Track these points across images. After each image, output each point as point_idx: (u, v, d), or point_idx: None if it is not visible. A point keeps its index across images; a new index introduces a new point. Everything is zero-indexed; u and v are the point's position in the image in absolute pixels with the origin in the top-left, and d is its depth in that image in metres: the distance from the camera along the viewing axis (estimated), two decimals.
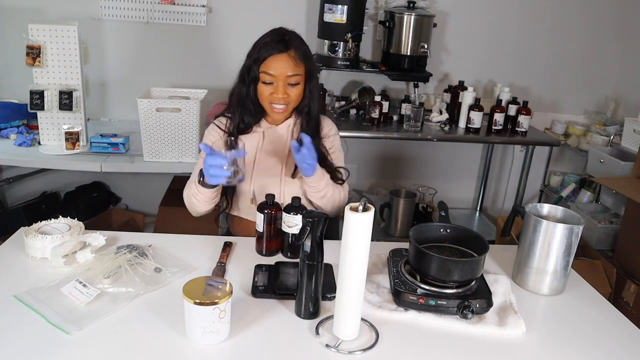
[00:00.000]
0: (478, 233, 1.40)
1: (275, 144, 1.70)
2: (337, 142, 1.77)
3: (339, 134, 1.79)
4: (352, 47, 2.76)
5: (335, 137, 1.76)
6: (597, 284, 2.15)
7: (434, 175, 3.41)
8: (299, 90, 1.62)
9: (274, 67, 1.57)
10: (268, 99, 1.61)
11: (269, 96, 1.60)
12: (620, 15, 3.22)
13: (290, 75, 1.58)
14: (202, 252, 1.49)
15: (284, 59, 1.57)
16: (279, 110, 1.62)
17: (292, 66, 1.58)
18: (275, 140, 1.70)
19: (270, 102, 1.61)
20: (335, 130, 1.78)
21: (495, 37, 3.19)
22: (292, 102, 1.63)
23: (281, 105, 1.61)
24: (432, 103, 3.14)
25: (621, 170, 2.66)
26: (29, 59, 2.32)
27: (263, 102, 1.63)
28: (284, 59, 1.57)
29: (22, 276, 1.32)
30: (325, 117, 1.77)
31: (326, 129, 1.75)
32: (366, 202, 1.08)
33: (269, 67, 1.57)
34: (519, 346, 1.19)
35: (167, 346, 1.10)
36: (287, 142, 1.69)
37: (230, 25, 2.98)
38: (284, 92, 1.59)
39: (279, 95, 1.58)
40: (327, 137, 1.74)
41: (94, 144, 2.45)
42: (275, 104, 1.61)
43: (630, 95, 3.21)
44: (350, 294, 1.11)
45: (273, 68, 1.57)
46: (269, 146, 1.70)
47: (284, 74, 1.57)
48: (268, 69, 1.57)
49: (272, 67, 1.57)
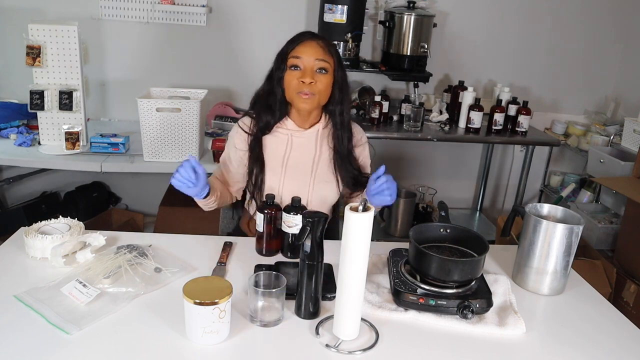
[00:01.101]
0: (478, 233, 1.40)
1: (304, 148, 1.66)
2: (366, 151, 1.74)
3: (368, 143, 1.76)
4: (352, 47, 2.76)
5: (365, 145, 1.74)
6: (597, 284, 2.16)
7: (434, 175, 3.41)
8: (327, 79, 1.57)
9: (303, 50, 1.55)
10: (295, 87, 1.55)
11: (296, 82, 1.54)
12: (620, 15, 3.22)
13: (319, 60, 1.54)
14: (202, 252, 1.49)
15: (313, 45, 1.56)
16: (306, 97, 1.54)
17: (321, 52, 1.55)
18: (304, 145, 1.66)
19: (298, 91, 1.55)
20: (366, 139, 1.74)
21: (495, 37, 3.19)
22: (319, 92, 1.56)
23: (308, 92, 1.54)
24: (432, 103, 3.15)
25: (621, 170, 2.66)
26: (29, 59, 2.32)
27: (291, 92, 1.57)
28: (313, 45, 1.56)
29: (22, 276, 1.32)
30: (355, 124, 1.73)
31: (357, 137, 1.71)
32: (366, 202, 1.08)
33: (298, 51, 1.55)
34: (519, 346, 1.19)
35: (167, 346, 1.10)
36: (316, 147, 1.66)
37: (230, 25, 2.98)
38: (312, 76, 1.54)
39: (307, 79, 1.53)
40: (357, 145, 1.71)
41: (94, 144, 2.45)
42: (302, 92, 1.54)
43: (630, 95, 3.21)
44: (350, 294, 1.11)
45: (302, 52, 1.55)
46: (298, 150, 1.66)
47: (312, 58, 1.54)
48: (297, 53, 1.55)
49: (301, 51, 1.55)
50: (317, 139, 1.67)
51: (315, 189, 1.65)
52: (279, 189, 1.63)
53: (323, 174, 1.66)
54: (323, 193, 1.66)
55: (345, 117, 1.65)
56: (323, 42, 1.58)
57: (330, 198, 1.68)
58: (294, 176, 1.64)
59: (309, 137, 1.66)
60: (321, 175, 1.66)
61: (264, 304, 1.19)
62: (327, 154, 1.67)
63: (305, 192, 1.64)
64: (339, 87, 1.61)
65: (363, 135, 1.74)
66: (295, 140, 1.66)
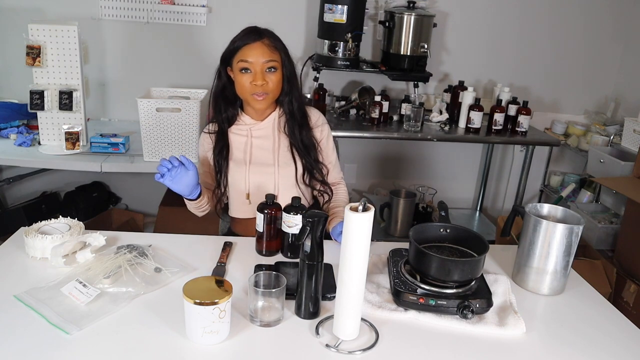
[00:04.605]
0: (478, 233, 1.40)
1: (263, 139, 1.72)
2: (326, 130, 1.78)
3: (327, 123, 1.80)
4: (352, 47, 2.76)
5: (324, 125, 1.78)
6: (597, 284, 2.16)
7: (434, 175, 3.41)
8: (277, 77, 1.62)
9: (250, 54, 1.59)
10: (248, 90, 1.61)
11: (249, 86, 1.60)
12: (620, 15, 3.22)
13: (267, 61, 1.59)
14: (202, 252, 1.49)
15: (259, 46, 1.60)
16: (260, 98, 1.62)
17: (268, 52, 1.60)
18: (263, 136, 1.72)
19: (251, 92, 1.61)
20: (324, 119, 1.79)
21: (495, 37, 3.19)
22: (272, 90, 1.63)
23: (262, 94, 1.61)
24: (432, 103, 3.15)
25: (621, 170, 2.66)
26: (29, 59, 2.32)
27: (244, 94, 1.64)
28: (258, 46, 1.60)
29: (22, 276, 1.32)
30: (311, 107, 1.79)
31: (314, 119, 1.76)
32: (366, 202, 1.08)
33: (245, 55, 1.59)
34: (519, 346, 1.19)
35: (167, 346, 1.10)
36: (274, 136, 1.72)
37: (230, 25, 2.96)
38: (262, 78, 1.59)
39: (257, 82, 1.59)
40: (316, 126, 1.76)
41: (94, 144, 2.45)
42: (256, 93, 1.61)
43: (630, 95, 3.21)
44: (350, 294, 1.11)
45: (249, 55, 1.59)
46: (258, 142, 1.71)
47: (260, 60, 1.59)
48: (244, 56, 1.59)
49: (248, 55, 1.59)
50: (274, 127, 1.73)
51: (281, 174, 1.69)
52: (245, 180, 1.68)
53: (284, 158, 1.71)
54: (289, 174, 1.70)
55: (295, 105, 1.70)
56: (268, 40, 1.62)
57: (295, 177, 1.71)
58: (258, 166, 1.69)
59: (266, 127, 1.72)
60: (283, 160, 1.71)
61: (264, 304, 1.19)
62: (285, 140, 1.73)
63: (272, 180, 1.69)
64: (287, 79, 1.67)
65: (320, 117, 1.78)
66: (254, 132, 1.72)
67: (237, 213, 1.75)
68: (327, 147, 1.78)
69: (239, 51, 1.61)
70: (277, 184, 1.68)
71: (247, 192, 1.69)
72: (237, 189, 1.71)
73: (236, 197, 1.72)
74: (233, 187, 1.71)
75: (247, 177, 1.68)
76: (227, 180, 1.71)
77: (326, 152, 1.78)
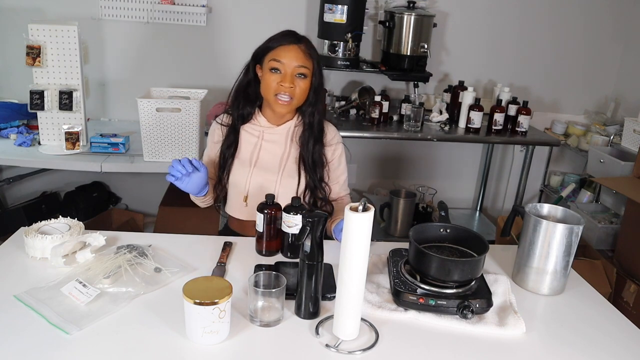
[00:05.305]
0: (478, 233, 1.40)
1: (274, 145, 1.70)
2: (338, 151, 1.75)
3: (342, 143, 1.76)
4: (352, 47, 2.76)
5: (338, 145, 1.74)
6: (597, 284, 2.16)
7: (434, 175, 3.41)
8: (305, 84, 1.60)
9: (284, 55, 1.56)
10: (274, 90, 1.58)
11: (276, 86, 1.57)
12: (620, 15, 3.22)
13: (299, 66, 1.57)
14: (202, 252, 1.49)
15: (295, 49, 1.57)
16: (284, 102, 1.59)
17: (302, 58, 1.57)
18: (274, 141, 1.70)
19: (276, 93, 1.58)
20: (339, 138, 1.75)
21: (495, 37, 3.19)
22: (297, 97, 1.60)
23: (286, 97, 1.58)
24: (432, 103, 3.14)
25: (621, 170, 2.66)
26: (29, 59, 2.32)
27: (268, 93, 1.60)
28: (294, 49, 1.57)
29: (22, 276, 1.32)
30: (329, 124, 1.75)
31: (329, 136, 1.72)
32: (366, 202, 1.08)
33: (279, 55, 1.57)
34: (519, 346, 1.19)
35: (167, 346, 1.10)
36: (286, 145, 1.69)
37: (230, 25, 2.98)
38: (291, 81, 1.57)
39: (285, 84, 1.56)
40: (330, 144, 1.72)
41: (94, 144, 2.45)
42: (281, 95, 1.58)
43: (630, 95, 3.21)
44: (350, 294, 1.11)
45: (283, 56, 1.56)
46: (267, 146, 1.69)
47: (292, 64, 1.56)
48: (278, 56, 1.57)
49: (282, 55, 1.56)
50: (287, 136, 1.70)
51: (282, 184, 1.67)
52: (246, 181, 1.66)
53: (290, 169, 1.69)
54: (289, 187, 1.67)
55: (316, 119, 1.67)
56: (305, 46, 1.59)
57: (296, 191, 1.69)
58: (262, 171, 1.68)
59: (280, 134, 1.70)
60: (288, 171, 1.69)
61: (264, 304, 1.19)
62: (295, 152, 1.70)
63: (272, 187, 1.66)
64: (314, 90, 1.64)
65: (336, 136, 1.75)
66: (266, 136, 1.69)
67: (233, 212, 1.74)
68: (337, 168, 1.74)
69: (273, 50, 1.58)
70: (277, 192, 1.65)
71: (245, 194, 1.67)
72: (237, 188, 1.69)
73: (234, 196, 1.71)
74: (233, 185, 1.70)
75: (249, 179, 1.67)
76: (228, 177, 1.70)
77: (335, 172, 1.74)
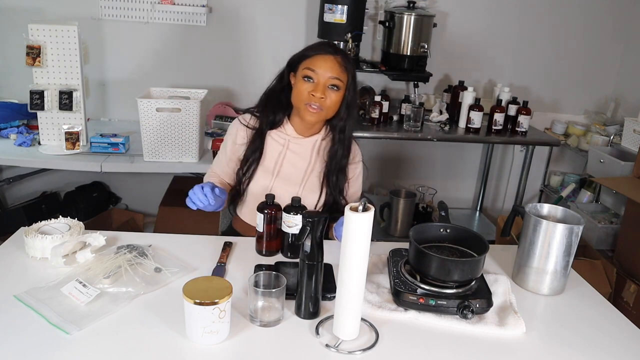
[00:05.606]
0: (478, 233, 1.40)
1: (298, 156, 1.67)
2: (358, 169, 1.74)
3: (363, 162, 1.76)
4: (352, 47, 2.76)
5: (359, 163, 1.74)
6: (597, 284, 2.16)
7: (434, 175, 3.41)
8: (337, 97, 1.56)
9: (319, 64, 1.54)
10: (305, 98, 1.55)
11: (307, 95, 1.54)
12: (620, 15, 3.22)
13: (333, 77, 1.54)
14: (202, 252, 1.49)
15: (331, 60, 1.54)
16: (314, 110, 1.55)
17: (337, 69, 1.54)
18: (299, 153, 1.67)
19: (307, 102, 1.55)
20: (361, 156, 1.75)
21: (495, 37, 3.19)
22: (327, 107, 1.56)
23: (317, 106, 1.55)
24: (432, 103, 3.14)
25: (621, 170, 2.66)
26: (29, 59, 2.33)
27: (299, 101, 1.57)
28: (330, 60, 1.54)
29: (22, 276, 1.32)
30: (355, 143, 1.73)
31: (353, 154, 1.71)
32: (366, 202, 1.08)
33: (314, 64, 1.54)
34: (519, 346, 1.19)
35: (167, 346, 1.10)
36: (311, 158, 1.67)
37: (230, 25, 2.98)
38: (323, 92, 1.53)
39: (317, 93, 1.53)
40: (353, 162, 1.71)
41: (94, 144, 2.45)
42: (312, 104, 1.55)
43: (630, 95, 3.21)
44: (350, 294, 1.11)
45: (318, 65, 1.54)
46: (291, 157, 1.67)
47: (326, 74, 1.53)
48: (313, 65, 1.54)
49: (317, 65, 1.54)
50: (313, 150, 1.68)
51: (302, 196, 1.65)
52: (267, 190, 1.63)
53: (312, 183, 1.67)
54: (309, 201, 1.65)
55: (347, 135, 1.64)
56: (341, 59, 1.56)
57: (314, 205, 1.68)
58: (284, 181, 1.65)
59: (306, 146, 1.67)
60: (310, 185, 1.67)
61: (264, 304, 1.19)
62: (319, 166, 1.68)
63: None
64: (347, 104, 1.61)
65: (358, 154, 1.74)
66: (292, 146, 1.67)
67: (244, 215, 1.72)
68: (354, 185, 1.73)
69: (308, 59, 1.55)
70: None
71: None
72: (255, 196, 1.65)
73: (250, 202, 1.67)
74: (251, 192, 1.66)
75: (270, 189, 1.63)
76: (248, 182, 1.66)
77: (351, 189, 1.73)
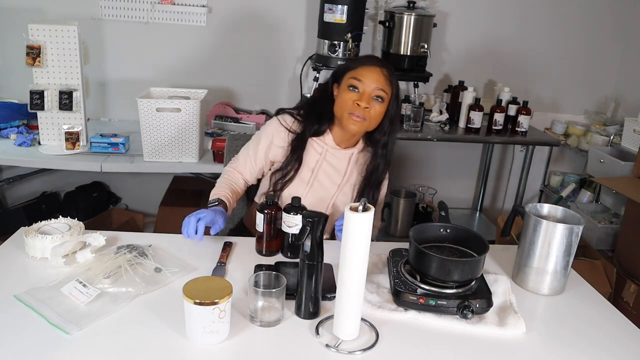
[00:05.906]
0: (478, 233, 1.40)
1: (334, 168, 1.66)
2: (386, 185, 1.75)
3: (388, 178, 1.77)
4: (352, 47, 2.76)
5: (386, 180, 1.74)
6: (597, 284, 2.16)
7: (434, 175, 3.41)
8: (381, 108, 1.55)
9: (365, 75, 1.54)
10: (350, 107, 1.54)
11: (352, 104, 1.53)
12: (620, 15, 3.22)
13: (378, 88, 1.53)
14: (202, 252, 1.49)
15: (377, 71, 1.54)
16: (358, 119, 1.53)
17: (382, 81, 1.54)
18: (335, 165, 1.66)
19: (351, 111, 1.54)
20: (387, 174, 1.75)
21: (495, 37, 3.19)
22: (371, 118, 1.55)
23: (361, 116, 1.53)
24: (432, 103, 3.14)
25: (621, 170, 2.66)
26: (29, 59, 2.33)
27: (343, 110, 1.56)
28: (376, 71, 1.54)
29: (22, 276, 1.32)
30: None
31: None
32: (366, 202, 1.08)
33: (360, 74, 1.54)
34: (519, 346, 1.19)
35: (167, 346, 1.10)
36: (347, 171, 1.67)
37: (230, 25, 2.98)
38: (368, 102, 1.53)
39: (362, 103, 1.52)
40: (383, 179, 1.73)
41: (94, 144, 2.45)
42: (356, 113, 1.53)
43: (630, 95, 3.21)
44: (350, 294, 1.11)
45: (364, 76, 1.53)
46: (327, 168, 1.66)
47: (372, 85, 1.53)
48: (359, 75, 1.54)
49: (364, 75, 1.54)
50: (349, 161, 1.67)
51: (333, 208, 1.66)
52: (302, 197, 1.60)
53: (344, 195, 1.68)
54: (339, 212, 1.66)
55: (389, 149, 1.65)
56: (387, 72, 1.56)
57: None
58: (317, 191, 1.65)
59: (342, 158, 1.67)
60: (342, 197, 1.67)
61: (264, 304, 1.19)
62: (354, 179, 1.68)
63: (323, 209, 1.65)
64: (390, 118, 1.60)
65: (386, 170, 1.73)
66: (329, 156, 1.66)
67: None
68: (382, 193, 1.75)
69: (354, 69, 1.55)
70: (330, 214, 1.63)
71: None
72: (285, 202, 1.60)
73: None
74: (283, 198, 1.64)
75: (304, 198, 1.60)
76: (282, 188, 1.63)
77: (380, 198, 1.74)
